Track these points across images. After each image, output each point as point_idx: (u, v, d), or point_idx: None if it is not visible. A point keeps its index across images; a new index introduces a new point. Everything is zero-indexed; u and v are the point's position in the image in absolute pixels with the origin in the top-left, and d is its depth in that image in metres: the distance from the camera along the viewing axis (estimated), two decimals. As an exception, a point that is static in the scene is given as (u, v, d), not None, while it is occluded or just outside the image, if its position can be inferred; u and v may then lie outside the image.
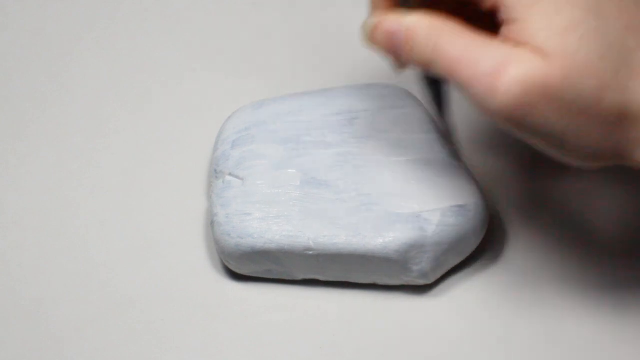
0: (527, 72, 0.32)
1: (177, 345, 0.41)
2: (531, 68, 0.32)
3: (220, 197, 0.43)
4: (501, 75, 0.32)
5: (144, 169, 0.47)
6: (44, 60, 0.53)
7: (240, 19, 0.55)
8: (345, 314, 0.42)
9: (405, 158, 0.43)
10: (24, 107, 0.51)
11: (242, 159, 0.44)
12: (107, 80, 0.52)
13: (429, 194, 0.41)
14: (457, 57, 0.33)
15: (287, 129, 0.45)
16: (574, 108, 0.32)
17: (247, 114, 0.46)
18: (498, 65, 0.32)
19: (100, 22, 0.55)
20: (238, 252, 0.41)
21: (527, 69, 0.32)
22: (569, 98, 0.32)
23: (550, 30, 0.32)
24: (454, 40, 0.33)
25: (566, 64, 0.32)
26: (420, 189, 0.42)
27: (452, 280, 0.43)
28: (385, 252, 0.40)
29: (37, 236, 0.45)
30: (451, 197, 0.41)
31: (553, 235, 0.44)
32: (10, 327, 0.42)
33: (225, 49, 0.54)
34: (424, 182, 0.42)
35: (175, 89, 0.51)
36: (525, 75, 0.32)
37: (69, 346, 0.41)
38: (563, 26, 0.32)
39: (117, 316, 0.42)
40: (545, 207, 0.45)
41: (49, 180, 0.47)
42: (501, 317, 0.41)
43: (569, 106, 0.32)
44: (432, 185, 0.42)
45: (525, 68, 0.32)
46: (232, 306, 0.42)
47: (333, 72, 0.52)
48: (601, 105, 0.32)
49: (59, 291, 0.43)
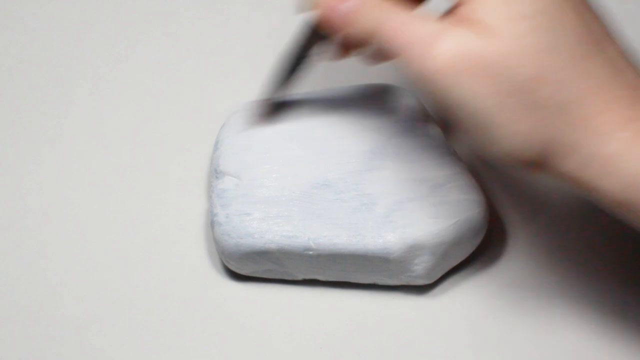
0: (462, 43, 0.32)
1: (177, 345, 0.41)
2: (467, 40, 0.32)
3: (220, 197, 0.43)
4: (435, 41, 0.33)
5: (144, 169, 0.48)
6: (44, 60, 0.53)
7: (240, 19, 0.55)
8: (345, 314, 0.42)
9: (405, 158, 0.43)
10: (24, 107, 0.51)
11: (242, 159, 0.44)
12: (107, 80, 0.52)
13: (429, 193, 0.41)
14: (395, 27, 0.34)
15: (287, 129, 0.45)
16: (506, 87, 0.32)
17: (247, 114, 0.46)
18: (434, 34, 0.33)
19: (100, 22, 0.55)
20: (238, 252, 0.41)
21: (462, 40, 0.32)
22: (504, 75, 0.32)
23: (503, 14, 0.33)
24: (395, 12, 0.34)
25: (509, 45, 0.32)
26: (420, 189, 0.42)
27: (452, 280, 0.43)
28: (385, 252, 0.40)
29: (37, 236, 0.45)
30: (451, 197, 0.41)
31: (553, 236, 0.44)
32: (10, 327, 0.42)
33: (225, 49, 0.54)
34: (424, 182, 0.42)
35: (176, 89, 0.51)
36: (459, 44, 0.32)
37: (69, 346, 0.41)
38: (517, 13, 0.33)
39: (117, 316, 0.42)
40: (545, 207, 0.45)
41: (49, 180, 0.47)
42: (501, 317, 0.41)
43: (501, 82, 0.32)
44: (432, 185, 0.42)
45: (460, 39, 0.32)
46: (232, 306, 0.42)
47: (333, 72, 0.52)
48: (536, 93, 0.32)
49: (59, 291, 0.43)
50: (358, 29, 0.35)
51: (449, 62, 0.32)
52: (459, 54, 0.32)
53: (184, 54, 0.53)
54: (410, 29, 0.33)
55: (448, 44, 0.33)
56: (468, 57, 0.32)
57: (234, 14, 0.56)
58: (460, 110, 0.33)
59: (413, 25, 0.34)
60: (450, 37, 0.33)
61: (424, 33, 0.33)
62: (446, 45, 0.33)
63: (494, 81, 0.32)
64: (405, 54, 0.33)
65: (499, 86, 0.32)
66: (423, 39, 0.33)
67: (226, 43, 0.54)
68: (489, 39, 0.32)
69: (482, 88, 0.32)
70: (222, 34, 0.54)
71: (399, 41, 0.34)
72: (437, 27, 0.33)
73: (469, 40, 0.32)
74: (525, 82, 0.32)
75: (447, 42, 0.33)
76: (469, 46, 0.32)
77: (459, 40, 0.33)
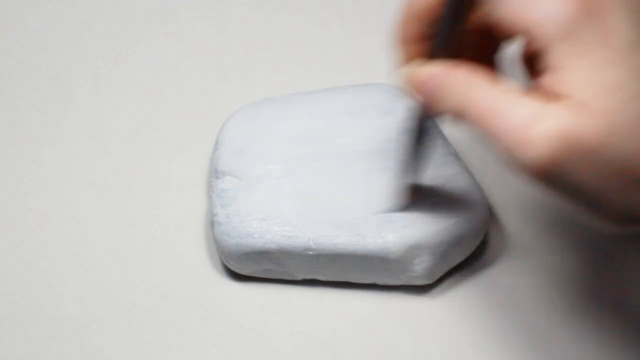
0: (562, 127, 0.30)
1: (177, 345, 0.41)
2: (567, 123, 0.30)
3: (220, 197, 0.43)
4: (533, 128, 0.30)
5: (144, 169, 0.48)
6: (44, 60, 0.53)
7: (241, 19, 0.55)
8: (345, 314, 0.42)
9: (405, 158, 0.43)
10: (24, 107, 0.51)
11: (242, 159, 0.44)
12: (107, 80, 0.52)
13: (429, 194, 0.41)
14: (487, 108, 0.31)
15: (287, 128, 0.45)
16: (612, 169, 0.30)
17: (247, 114, 0.46)
18: (530, 118, 0.30)
19: (100, 22, 0.55)
20: (238, 252, 0.41)
21: (562, 124, 0.30)
22: (608, 158, 0.30)
23: (595, 86, 0.30)
24: (484, 91, 0.32)
25: (608, 123, 0.30)
26: (420, 189, 0.42)
27: (452, 280, 0.43)
28: (385, 252, 0.40)
29: (37, 236, 0.45)
30: (451, 197, 0.41)
31: (553, 235, 0.44)
32: (10, 327, 0.42)
33: (225, 49, 0.54)
34: (424, 182, 0.42)
35: (176, 88, 0.51)
36: (559, 130, 0.30)
37: (69, 346, 0.41)
38: (610, 84, 0.30)
39: (117, 316, 0.42)
40: (545, 207, 0.45)
41: (49, 180, 0.47)
42: (501, 317, 0.41)
43: (606, 166, 0.30)
44: (432, 185, 0.42)
45: (560, 123, 0.30)
46: (232, 306, 0.42)
47: (333, 72, 0.52)
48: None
49: (59, 291, 0.43)
50: (447, 107, 0.33)
51: (550, 154, 0.30)
52: (559, 143, 0.30)
53: (184, 54, 0.53)
54: (504, 112, 0.31)
55: (546, 132, 0.30)
56: (567, 143, 0.30)
57: (234, 14, 0.56)
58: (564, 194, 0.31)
59: (507, 106, 0.31)
60: (546, 123, 0.30)
61: (519, 117, 0.30)
62: (544, 134, 0.30)
63: (599, 165, 0.30)
64: (500, 143, 0.31)
65: (605, 169, 0.30)
66: (518, 126, 0.30)
67: (226, 43, 0.54)
68: (585, 118, 0.30)
69: (587, 173, 0.30)
70: (222, 34, 0.54)
71: (492, 127, 0.31)
72: (531, 110, 0.30)
73: (566, 123, 0.30)
74: (630, 160, 0.30)
75: (544, 129, 0.30)
76: (566, 131, 0.30)
77: (555, 125, 0.30)
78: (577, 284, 0.42)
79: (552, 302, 0.42)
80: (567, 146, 0.30)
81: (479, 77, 0.32)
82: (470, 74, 0.33)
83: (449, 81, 0.33)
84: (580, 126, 0.30)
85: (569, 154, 0.30)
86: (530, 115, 0.30)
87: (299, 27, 0.55)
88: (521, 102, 0.31)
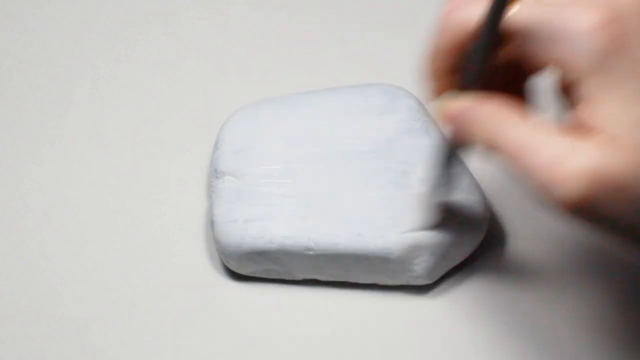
0: (593, 164, 0.30)
1: (177, 345, 0.41)
2: (598, 159, 0.30)
3: (220, 197, 0.43)
4: (565, 166, 0.30)
5: (144, 169, 0.48)
6: (44, 60, 0.53)
7: (240, 18, 0.55)
8: (345, 314, 0.42)
9: (405, 158, 0.43)
10: (24, 107, 0.51)
11: (242, 159, 0.44)
12: (107, 80, 0.52)
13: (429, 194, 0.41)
14: (517, 145, 0.31)
15: (287, 128, 0.45)
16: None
17: (247, 114, 0.46)
18: (562, 155, 0.30)
19: (100, 22, 0.55)
20: (238, 252, 0.41)
21: (593, 161, 0.30)
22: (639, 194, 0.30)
23: (626, 119, 0.30)
24: (515, 125, 0.32)
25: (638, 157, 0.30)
26: (420, 189, 0.42)
27: (452, 280, 0.43)
28: (385, 252, 0.40)
29: (37, 236, 0.45)
30: (451, 197, 0.41)
31: (553, 235, 0.44)
32: (10, 327, 0.42)
33: (225, 49, 0.54)
34: (424, 182, 0.42)
35: (176, 88, 0.51)
36: (590, 167, 0.30)
37: (69, 346, 0.41)
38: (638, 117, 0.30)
39: (117, 316, 0.42)
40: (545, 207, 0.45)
41: (49, 180, 0.47)
42: (501, 317, 0.41)
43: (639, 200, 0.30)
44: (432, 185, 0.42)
45: (591, 159, 0.30)
46: (232, 306, 0.42)
47: (333, 72, 0.52)
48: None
49: (59, 291, 0.43)
50: (478, 141, 0.33)
51: (581, 192, 0.30)
52: (590, 181, 0.30)
53: (184, 54, 0.53)
54: (534, 149, 0.31)
55: (577, 169, 0.30)
56: (599, 180, 0.30)
57: (234, 14, 0.56)
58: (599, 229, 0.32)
59: (537, 143, 0.31)
60: (577, 160, 0.30)
61: (550, 155, 0.30)
62: (576, 171, 0.30)
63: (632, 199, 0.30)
64: (532, 180, 0.31)
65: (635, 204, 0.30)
66: (550, 164, 0.30)
67: (226, 43, 0.54)
68: (616, 152, 0.30)
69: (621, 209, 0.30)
70: (222, 34, 0.54)
71: (523, 164, 0.31)
72: (562, 146, 0.30)
73: (596, 159, 0.30)
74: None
75: (576, 166, 0.30)
76: (597, 167, 0.30)
77: (586, 162, 0.30)
78: (576, 283, 0.42)
79: (552, 301, 0.42)
80: (598, 182, 0.30)
81: (510, 110, 0.32)
82: (501, 108, 0.33)
83: (479, 114, 0.33)
84: (611, 162, 0.30)
85: (601, 190, 0.30)
86: (561, 152, 0.30)
87: (299, 27, 0.55)
88: (552, 139, 0.31)
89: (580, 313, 0.41)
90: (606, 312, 0.41)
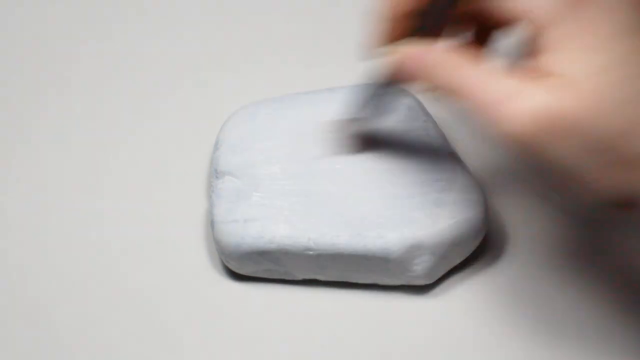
0: (540, 104, 0.31)
1: (178, 345, 0.41)
2: (546, 100, 0.31)
3: (220, 197, 0.43)
4: (511, 104, 0.31)
5: (144, 169, 0.48)
6: (44, 60, 0.53)
7: (241, 19, 0.55)
8: (345, 314, 0.42)
9: (405, 158, 0.43)
10: (24, 108, 0.51)
11: (242, 159, 0.44)
12: (107, 80, 0.52)
13: (429, 193, 0.41)
14: (470, 85, 0.33)
15: (287, 128, 0.45)
16: (597, 146, 0.31)
17: (247, 114, 0.46)
18: (510, 94, 0.31)
19: (100, 22, 0.55)
20: (238, 252, 0.41)
21: (540, 101, 0.31)
22: (593, 135, 0.31)
23: (584, 66, 0.31)
24: (469, 69, 0.33)
25: (596, 102, 0.31)
26: (420, 189, 0.42)
27: (452, 280, 0.43)
28: (385, 252, 0.40)
29: (37, 236, 0.45)
30: (451, 197, 0.41)
31: (553, 236, 0.44)
32: (10, 327, 0.42)
33: (225, 49, 0.54)
34: (424, 182, 0.42)
35: (176, 89, 0.51)
36: (536, 106, 0.31)
37: (69, 346, 0.41)
38: (601, 65, 0.31)
39: (118, 316, 0.42)
40: (545, 207, 0.45)
41: (49, 180, 0.47)
42: (501, 317, 0.41)
43: (590, 143, 0.31)
44: (432, 185, 0.42)
45: (538, 99, 0.31)
46: (232, 306, 0.42)
47: (333, 72, 0.52)
48: (625, 148, 0.31)
49: (59, 291, 0.43)
50: (435, 83, 0.34)
51: (525, 127, 0.31)
52: (536, 115, 0.31)
53: (184, 54, 0.53)
54: (485, 88, 0.32)
55: (524, 104, 0.31)
56: (545, 119, 0.31)
57: (234, 14, 0.56)
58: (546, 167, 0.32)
59: (488, 83, 0.32)
60: (526, 97, 0.31)
61: (498, 94, 0.32)
62: (522, 106, 0.31)
63: (579, 140, 0.31)
64: (482, 115, 0.32)
65: (585, 145, 0.31)
66: (497, 102, 0.32)
67: (226, 43, 0.54)
68: (570, 94, 0.31)
69: (570, 149, 0.31)
70: (223, 34, 0.54)
71: (475, 102, 0.32)
72: (512, 85, 0.32)
73: (547, 98, 0.31)
74: (613, 139, 0.31)
75: (523, 102, 0.31)
76: (548, 105, 0.31)
77: (536, 99, 0.31)
78: (576, 283, 0.42)
79: (552, 301, 0.42)
80: (544, 121, 0.31)
81: (464, 55, 0.34)
82: (456, 52, 0.34)
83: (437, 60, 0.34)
84: (563, 103, 0.31)
85: (547, 129, 0.31)
86: (509, 92, 0.31)
87: (299, 27, 0.55)
88: (502, 80, 0.32)
89: (580, 313, 0.41)
90: (606, 312, 0.41)
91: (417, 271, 0.41)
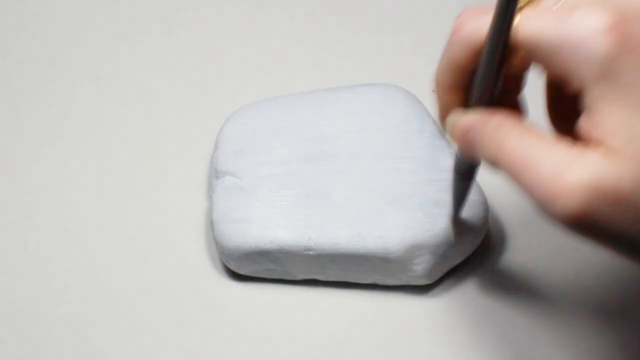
0: (592, 177, 0.29)
1: (177, 345, 0.41)
2: (596, 172, 0.29)
3: (220, 197, 0.43)
4: (563, 179, 0.29)
5: (144, 169, 0.48)
6: (44, 60, 0.53)
7: (241, 18, 0.55)
8: (345, 314, 0.42)
9: (405, 158, 0.43)
10: (24, 107, 0.51)
11: (242, 159, 0.44)
12: (107, 80, 0.52)
13: (429, 194, 0.41)
14: (519, 159, 0.30)
15: (287, 128, 0.45)
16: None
17: (247, 113, 0.46)
18: (560, 169, 0.29)
19: (100, 22, 0.55)
20: (238, 252, 0.41)
21: (591, 173, 0.29)
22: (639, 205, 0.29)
23: (628, 131, 0.29)
24: (518, 140, 0.31)
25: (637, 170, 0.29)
26: (420, 189, 0.42)
27: (452, 280, 0.43)
28: (385, 252, 0.40)
29: (37, 236, 0.45)
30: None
31: (553, 236, 0.44)
32: (10, 327, 0.42)
33: (225, 49, 0.54)
34: (424, 181, 0.42)
35: (176, 89, 0.51)
36: (588, 180, 0.29)
37: (69, 346, 0.41)
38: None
39: (117, 316, 0.42)
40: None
41: (49, 180, 0.47)
42: (501, 317, 0.41)
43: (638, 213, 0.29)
44: (432, 185, 0.42)
45: (589, 172, 0.29)
46: (232, 306, 0.42)
47: (333, 72, 0.52)
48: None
49: (59, 291, 0.43)
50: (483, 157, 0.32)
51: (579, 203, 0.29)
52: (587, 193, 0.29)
53: (184, 54, 0.53)
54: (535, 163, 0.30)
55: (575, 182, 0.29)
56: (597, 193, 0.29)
57: (234, 14, 0.56)
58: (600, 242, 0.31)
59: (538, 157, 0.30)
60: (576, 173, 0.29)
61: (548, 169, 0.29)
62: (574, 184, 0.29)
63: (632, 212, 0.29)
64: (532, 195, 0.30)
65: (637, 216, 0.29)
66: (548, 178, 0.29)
67: (226, 43, 0.54)
68: (615, 165, 0.29)
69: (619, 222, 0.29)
70: (222, 33, 0.54)
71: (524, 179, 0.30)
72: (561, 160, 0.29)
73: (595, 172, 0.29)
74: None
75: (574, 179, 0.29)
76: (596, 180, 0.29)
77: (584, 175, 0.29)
78: (576, 283, 0.42)
79: (552, 302, 0.42)
80: (597, 195, 0.29)
81: (513, 124, 0.31)
82: (503, 123, 0.32)
83: (484, 131, 0.32)
84: (611, 173, 0.29)
85: (600, 204, 0.29)
86: (560, 166, 0.29)
87: (299, 27, 0.55)
88: (552, 152, 0.30)
89: (580, 313, 0.41)
90: (606, 312, 0.41)
91: (417, 271, 0.41)
